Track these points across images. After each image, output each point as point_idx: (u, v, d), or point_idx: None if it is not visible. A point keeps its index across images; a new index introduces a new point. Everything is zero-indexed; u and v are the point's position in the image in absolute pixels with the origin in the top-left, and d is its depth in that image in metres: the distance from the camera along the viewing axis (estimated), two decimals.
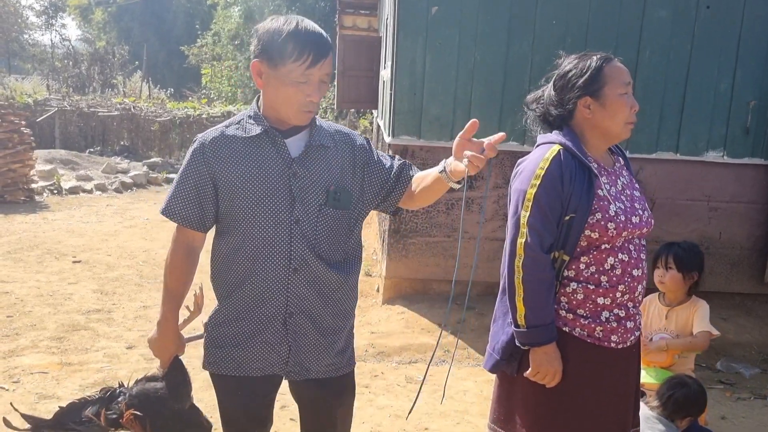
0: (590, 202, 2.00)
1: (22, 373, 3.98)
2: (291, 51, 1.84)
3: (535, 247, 2.00)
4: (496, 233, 5.33)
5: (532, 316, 2.02)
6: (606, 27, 4.98)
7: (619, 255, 2.04)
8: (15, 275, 6.00)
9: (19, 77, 27.25)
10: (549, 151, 2.06)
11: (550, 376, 2.04)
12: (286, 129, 1.97)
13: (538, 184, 2.02)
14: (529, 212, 2.02)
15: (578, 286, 2.06)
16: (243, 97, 25.00)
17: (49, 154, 12.54)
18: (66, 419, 2.10)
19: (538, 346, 2.03)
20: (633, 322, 2.12)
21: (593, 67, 2.06)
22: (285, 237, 1.93)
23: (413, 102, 5.06)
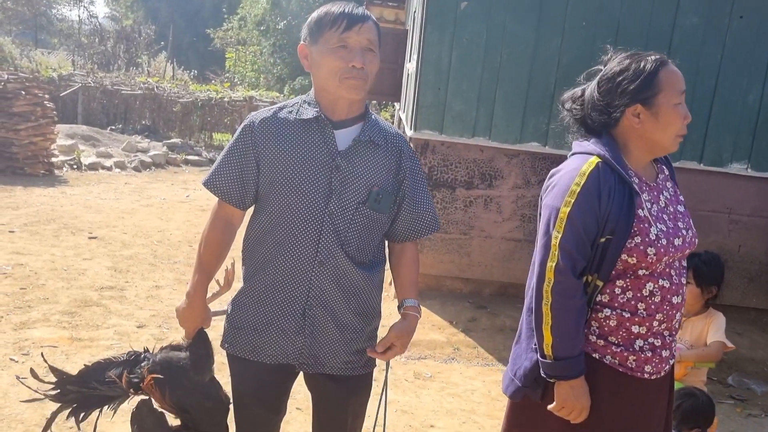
0: (629, 224, 1.80)
1: (32, 346, 4.00)
2: (326, 21, 1.87)
3: (567, 272, 1.80)
4: (512, 233, 5.29)
5: (560, 346, 1.82)
6: (636, 31, 4.91)
7: (660, 281, 1.85)
8: (31, 248, 6.04)
9: (46, 51, 27.47)
10: (586, 164, 1.84)
11: (576, 412, 1.85)
12: (338, 120, 1.95)
13: (572, 201, 1.80)
14: (561, 233, 1.81)
15: (612, 313, 1.86)
16: (266, 83, 25.06)
17: (71, 129, 12.61)
18: (90, 377, 2.10)
19: (564, 380, 1.83)
20: (668, 350, 1.92)
21: (648, 71, 1.83)
22: (315, 228, 1.91)
23: (437, 97, 5.03)
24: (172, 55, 26.21)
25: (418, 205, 2.05)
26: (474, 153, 5.16)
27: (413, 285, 2.10)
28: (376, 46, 1.91)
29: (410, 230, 2.07)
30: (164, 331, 4.48)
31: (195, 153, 13.68)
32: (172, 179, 11.10)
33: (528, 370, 1.92)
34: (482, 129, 5.09)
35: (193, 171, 12.21)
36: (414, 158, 2.06)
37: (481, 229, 5.29)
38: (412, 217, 2.05)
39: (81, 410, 2.12)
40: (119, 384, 2.08)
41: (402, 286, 2.10)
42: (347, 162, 1.92)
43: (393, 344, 2.02)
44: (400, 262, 2.11)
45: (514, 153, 5.15)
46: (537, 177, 5.20)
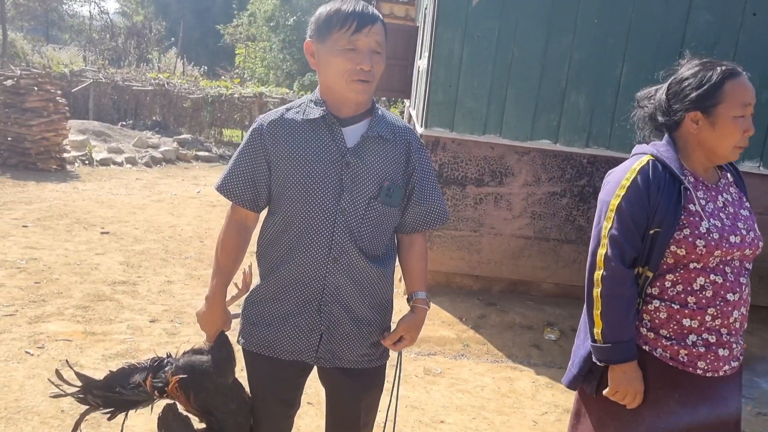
0: (677, 217, 1.87)
1: (47, 340, 4.05)
2: (335, 21, 1.86)
3: (616, 260, 1.90)
4: (522, 231, 5.30)
5: (610, 332, 1.91)
6: (648, 28, 4.91)
7: (711, 276, 1.89)
8: (44, 242, 6.10)
9: (57, 47, 27.60)
10: (638, 162, 1.95)
11: (631, 396, 1.92)
12: (345, 117, 1.96)
13: (622, 194, 1.92)
14: (611, 223, 1.92)
15: (661, 305, 1.93)
16: (275, 79, 25.09)
17: (83, 124, 12.69)
18: (115, 383, 2.13)
19: (615, 364, 1.92)
20: (728, 350, 1.93)
21: (713, 81, 1.89)
22: (328, 225, 1.93)
23: (448, 94, 5.04)
24: (183, 51, 26.28)
25: (427, 197, 2.06)
26: (485, 150, 5.16)
27: (422, 277, 2.12)
28: (383, 47, 1.92)
29: (419, 222, 2.09)
30: (176, 325, 4.52)
31: (205, 149, 13.72)
32: (182, 175, 11.15)
33: (584, 359, 2.02)
34: (493, 126, 5.10)
35: (203, 167, 12.26)
36: (422, 150, 2.07)
37: (491, 226, 5.29)
38: (420, 208, 2.06)
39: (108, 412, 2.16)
40: (144, 388, 2.10)
41: (411, 278, 2.13)
42: (357, 158, 1.94)
43: (403, 336, 2.05)
44: (409, 254, 2.12)
45: (524, 150, 5.15)
46: (547, 174, 5.20)
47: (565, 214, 5.28)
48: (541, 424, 3.65)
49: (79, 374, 2.17)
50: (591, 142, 5.11)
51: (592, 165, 5.18)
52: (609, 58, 4.97)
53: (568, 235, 5.32)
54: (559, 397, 3.99)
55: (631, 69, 4.97)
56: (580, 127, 5.09)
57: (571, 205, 5.26)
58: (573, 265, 5.36)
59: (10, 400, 3.30)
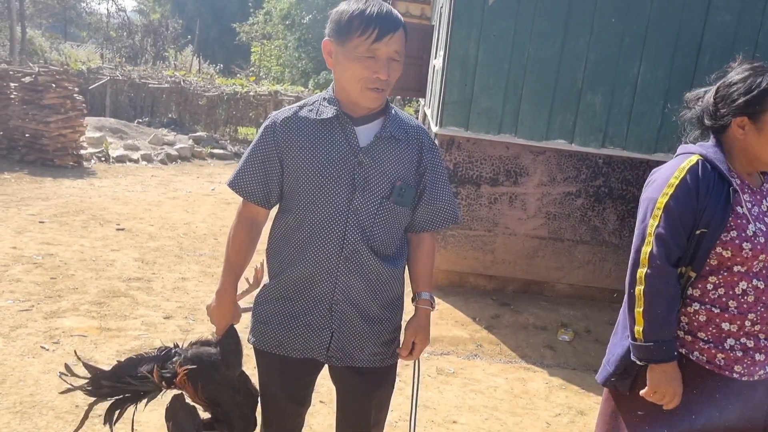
0: (725, 218, 1.86)
1: (62, 335, 4.08)
2: (357, 26, 1.82)
3: (661, 259, 1.88)
4: (537, 231, 5.28)
5: (651, 330, 1.89)
6: (666, 28, 4.86)
7: (754, 281, 1.88)
8: (60, 238, 6.15)
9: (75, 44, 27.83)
10: (686, 161, 1.93)
11: (669, 396, 1.91)
12: (358, 116, 1.96)
13: (670, 193, 1.89)
14: (658, 221, 1.90)
15: (701, 308, 1.92)
16: (290, 77, 25.15)
17: (99, 121, 12.78)
18: (123, 373, 2.16)
19: (656, 363, 1.90)
20: (764, 355, 1.92)
21: (762, 88, 1.87)
22: (340, 225, 1.93)
23: (463, 93, 5.02)
24: (199, 49, 26.40)
25: (437, 197, 2.06)
26: (500, 150, 5.14)
27: (428, 277, 2.12)
28: (402, 54, 1.90)
29: (428, 221, 2.08)
30: (190, 322, 4.54)
31: (220, 146, 13.78)
32: (197, 172, 11.21)
33: (620, 357, 2.00)
34: (508, 126, 5.07)
35: (218, 164, 12.31)
36: (434, 150, 2.07)
37: (505, 226, 5.27)
38: (430, 208, 2.06)
39: (117, 406, 2.18)
40: (151, 379, 2.12)
41: (417, 278, 2.12)
42: (369, 158, 1.93)
43: (414, 343, 2.05)
44: (417, 253, 2.12)
45: (540, 150, 5.13)
46: (563, 174, 5.17)
47: (580, 215, 5.25)
48: (555, 426, 3.63)
49: (88, 365, 2.19)
50: (607, 142, 5.08)
51: (608, 165, 5.15)
52: (626, 58, 4.93)
53: (582, 236, 5.28)
54: (573, 399, 3.97)
55: (648, 69, 4.92)
56: (596, 127, 5.05)
57: (586, 205, 5.23)
58: (587, 266, 5.33)
59: (25, 394, 3.33)
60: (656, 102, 4.94)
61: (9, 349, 3.81)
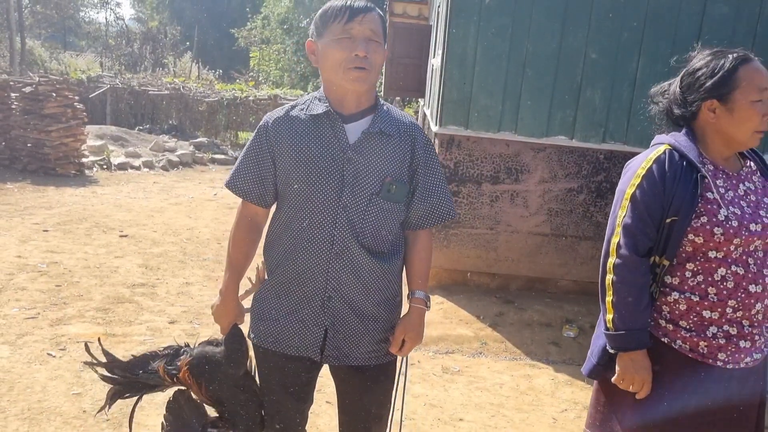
0: (694, 205, 1.86)
1: (69, 342, 4.09)
2: (331, 13, 1.92)
3: (628, 249, 1.92)
4: (539, 228, 5.28)
5: (620, 319, 1.93)
6: (664, 22, 4.86)
7: (733, 267, 1.86)
8: (64, 246, 6.16)
9: (74, 54, 27.90)
10: (654, 152, 1.96)
11: (637, 384, 1.94)
12: (348, 114, 1.98)
13: (637, 183, 1.93)
14: (625, 212, 1.94)
15: (680, 296, 1.92)
16: (290, 81, 25.19)
17: (100, 129, 12.82)
18: (135, 367, 2.23)
19: (624, 351, 1.94)
20: (750, 342, 1.90)
21: (726, 68, 1.89)
22: (330, 221, 1.94)
23: (462, 92, 5.03)
24: (198, 55, 26.45)
25: (431, 193, 2.06)
26: (500, 147, 5.15)
27: (423, 276, 2.12)
28: (381, 36, 1.93)
29: (423, 218, 2.08)
30: (195, 326, 4.55)
31: (221, 152, 13.81)
32: (199, 178, 11.22)
33: (602, 348, 2.03)
34: (508, 123, 5.08)
35: (219, 169, 12.33)
36: (428, 147, 2.07)
37: (507, 223, 5.28)
38: (424, 205, 2.06)
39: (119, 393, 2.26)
40: (159, 374, 2.17)
41: (412, 276, 2.12)
42: (358, 154, 1.95)
43: (404, 340, 2.05)
44: (412, 251, 2.12)
45: (540, 147, 5.13)
46: (564, 171, 5.17)
47: (582, 211, 5.25)
48: (561, 422, 3.63)
49: (106, 352, 2.28)
50: (608, 137, 5.08)
51: (609, 160, 5.15)
52: (625, 53, 4.93)
53: (585, 232, 5.28)
54: (579, 395, 3.97)
55: (647, 63, 4.93)
56: (596, 122, 5.05)
57: (588, 201, 5.23)
58: (591, 262, 5.32)
59: (33, 401, 3.34)
60: None
61: (16, 357, 3.82)
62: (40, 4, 29.43)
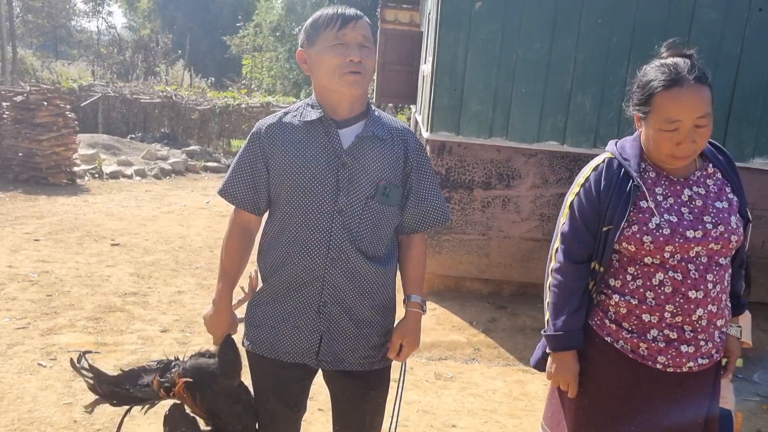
0: (624, 214, 1.88)
1: (59, 351, 4.07)
2: (322, 22, 1.94)
3: (564, 255, 1.99)
4: (531, 233, 5.28)
5: (552, 322, 2.02)
6: (653, 27, 4.89)
7: (670, 273, 1.86)
8: (56, 255, 6.13)
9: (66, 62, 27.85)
10: (595, 161, 2.02)
11: (563, 384, 2.02)
12: (341, 119, 1.99)
13: (575, 191, 1.99)
14: (564, 220, 2.01)
15: (621, 299, 1.94)
16: (282, 89, 25.20)
17: (92, 138, 12.78)
18: (125, 382, 2.20)
19: (554, 352, 2.03)
20: (693, 347, 1.90)
21: (648, 88, 1.86)
22: (325, 226, 1.94)
23: (453, 98, 5.04)
24: (190, 63, 26.43)
25: (424, 197, 2.07)
26: (491, 153, 5.16)
27: (418, 280, 2.12)
28: (371, 42, 1.96)
29: (417, 222, 2.09)
30: (187, 335, 4.53)
31: (214, 159, 13.78)
32: (191, 186, 11.20)
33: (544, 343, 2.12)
34: (499, 129, 5.09)
35: (212, 177, 12.31)
36: (420, 151, 2.08)
37: (499, 229, 5.28)
38: (418, 209, 2.06)
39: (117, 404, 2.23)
40: (152, 388, 2.14)
41: (407, 281, 2.13)
42: (353, 159, 1.95)
43: (402, 345, 2.06)
44: (407, 256, 2.12)
45: (531, 152, 5.15)
46: (555, 176, 5.18)
47: None
48: None
49: (92, 367, 2.22)
50: (599, 142, 5.09)
51: None
52: (614, 58, 4.96)
53: None
54: None
55: (636, 68, 4.90)
56: (587, 127, 5.07)
57: None
58: None
59: (23, 411, 3.32)
60: None
61: (6, 367, 3.80)
62: (32, 13, 29.41)
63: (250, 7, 31.76)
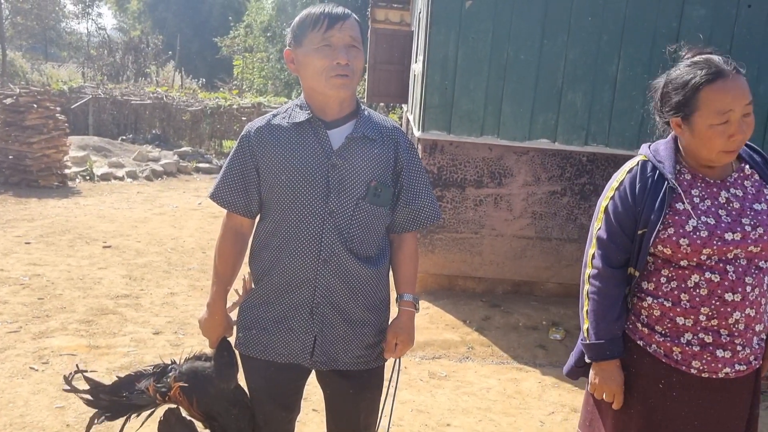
0: (660, 216, 1.84)
1: (52, 355, 4.05)
2: (309, 22, 1.92)
3: (601, 260, 1.94)
4: (524, 231, 5.29)
5: (593, 330, 1.95)
6: (643, 24, 4.90)
7: (707, 274, 1.82)
8: (47, 258, 6.10)
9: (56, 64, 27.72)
10: (629, 164, 1.97)
11: (608, 395, 1.96)
12: (331, 120, 1.98)
13: (610, 196, 1.95)
14: (599, 225, 1.97)
15: (654, 302, 1.90)
16: (273, 89, 25.16)
17: (83, 140, 12.71)
18: (121, 388, 2.18)
19: (596, 361, 1.97)
20: (730, 352, 1.85)
21: (689, 87, 1.81)
22: (317, 227, 1.94)
23: (444, 97, 5.04)
24: (180, 64, 26.34)
25: (415, 196, 2.06)
26: (483, 152, 5.16)
27: (411, 279, 2.12)
28: (360, 42, 1.94)
29: (408, 221, 2.09)
30: (180, 336, 4.51)
31: (205, 160, 13.74)
32: (183, 187, 11.16)
33: (579, 352, 2.07)
34: (490, 127, 5.09)
35: (204, 178, 12.27)
36: (411, 150, 2.07)
37: (492, 227, 5.29)
38: (410, 208, 2.06)
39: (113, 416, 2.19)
40: (148, 394, 2.13)
41: (399, 280, 2.13)
42: (343, 160, 1.95)
43: (396, 343, 2.06)
44: (398, 255, 2.12)
45: (523, 150, 5.15)
46: (547, 174, 5.19)
47: (566, 213, 5.27)
48: (548, 425, 3.63)
49: (88, 378, 2.20)
50: (590, 139, 5.10)
51: (592, 163, 5.17)
52: (604, 56, 4.97)
53: (570, 234, 5.30)
54: (566, 397, 3.97)
55: (626, 65, 4.96)
56: (578, 125, 5.08)
57: (572, 203, 5.25)
58: (576, 264, 5.34)
59: (15, 416, 3.30)
60: (636, 98, 4.97)
61: None
62: (21, 15, 29.24)
63: (241, 8, 31.71)
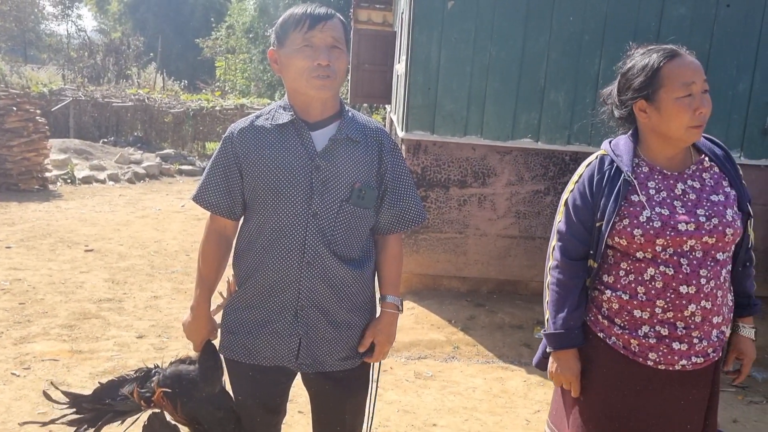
0: (615, 208, 1.89)
1: (33, 360, 4.00)
2: (291, 22, 1.91)
3: (560, 253, 2.01)
4: (508, 230, 5.31)
5: (552, 320, 2.01)
6: (624, 24, 4.94)
7: (662, 267, 1.86)
8: (28, 263, 6.03)
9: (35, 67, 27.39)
10: (588, 159, 2.04)
11: (566, 383, 2.02)
12: (314, 121, 1.97)
13: (570, 190, 2.02)
14: (560, 218, 2.03)
15: (613, 294, 1.94)
16: (256, 90, 25.06)
17: (63, 143, 12.59)
18: (104, 395, 2.15)
19: (554, 351, 2.03)
20: (686, 344, 1.88)
21: (649, 67, 1.88)
22: (300, 229, 1.93)
23: (427, 97, 5.04)
24: (162, 65, 26.17)
25: (400, 198, 2.06)
26: (466, 152, 5.17)
27: (395, 281, 2.12)
28: (343, 43, 1.92)
29: (393, 223, 2.08)
30: (164, 340, 4.48)
31: (188, 163, 13.67)
32: (166, 190, 11.09)
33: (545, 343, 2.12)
34: (474, 127, 5.10)
35: (187, 181, 12.20)
36: (395, 151, 2.07)
37: (476, 227, 5.30)
38: (393, 210, 2.06)
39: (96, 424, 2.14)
40: (131, 399, 2.10)
41: (383, 281, 2.12)
42: (326, 161, 1.93)
43: (374, 343, 2.06)
44: (383, 256, 2.12)
45: (506, 150, 5.17)
46: (530, 173, 5.21)
47: (550, 212, 5.29)
48: (534, 423, 3.65)
49: (66, 393, 2.17)
50: (572, 139, 5.13)
51: (575, 162, 5.20)
52: (586, 55, 5.00)
53: None
54: (551, 395, 3.98)
55: (608, 65, 4.99)
56: (561, 124, 5.10)
57: (555, 202, 5.27)
58: None
59: None
60: None
61: None
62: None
63: (223, 9, 31.55)
